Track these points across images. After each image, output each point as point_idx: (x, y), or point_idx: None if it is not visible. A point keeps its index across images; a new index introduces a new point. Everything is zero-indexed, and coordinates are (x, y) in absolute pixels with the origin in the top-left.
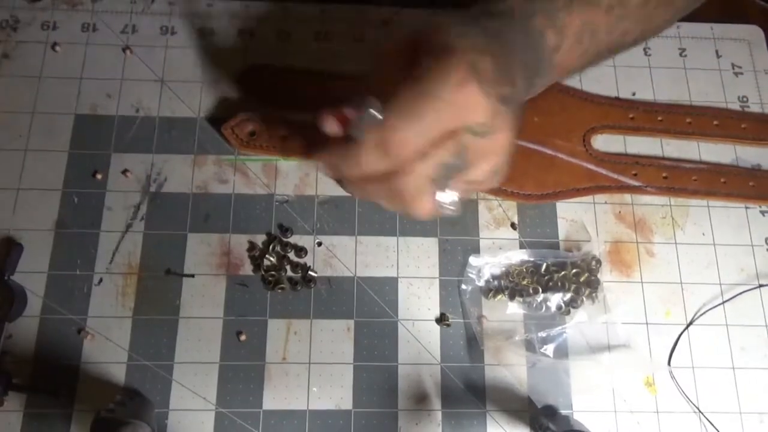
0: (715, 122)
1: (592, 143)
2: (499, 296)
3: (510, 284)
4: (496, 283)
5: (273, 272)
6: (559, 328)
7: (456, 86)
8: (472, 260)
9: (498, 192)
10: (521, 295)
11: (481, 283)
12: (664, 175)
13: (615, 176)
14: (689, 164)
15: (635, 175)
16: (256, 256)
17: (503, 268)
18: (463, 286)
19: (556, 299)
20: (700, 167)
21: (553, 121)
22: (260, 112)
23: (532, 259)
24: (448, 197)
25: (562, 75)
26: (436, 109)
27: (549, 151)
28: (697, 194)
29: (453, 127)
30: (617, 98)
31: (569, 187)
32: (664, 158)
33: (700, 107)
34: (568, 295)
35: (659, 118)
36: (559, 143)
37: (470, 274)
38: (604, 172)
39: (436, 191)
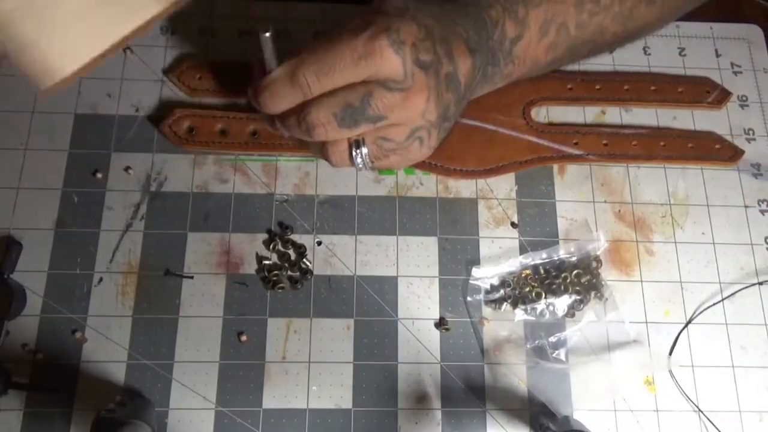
0: (653, 87)
1: (532, 116)
2: (504, 305)
3: (513, 292)
4: (500, 293)
5: (276, 272)
6: (569, 330)
7: (368, 38)
8: (475, 272)
9: (440, 170)
10: (524, 302)
11: (486, 295)
12: (604, 142)
13: (556, 146)
14: (629, 130)
15: (576, 144)
16: (260, 255)
17: (505, 277)
18: (468, 298)
19: (560, 302)
20: (640, 132)
21: (492, 95)
22: (196, 106)
23: (533, 263)
24: (360, 154)
25: (531, 67)
26: (345, 54)
27: (489, 127)
28: (638, 159)
29: (363, 76)
30: (554, 70)
31: (511, 160)
32: (603, 125)
33: (635, 73)
34: (573, 297)
35: (597, 87)
36: (499, 118)
37: (474, 286)
38: (545, 143)
39: (348, 138)
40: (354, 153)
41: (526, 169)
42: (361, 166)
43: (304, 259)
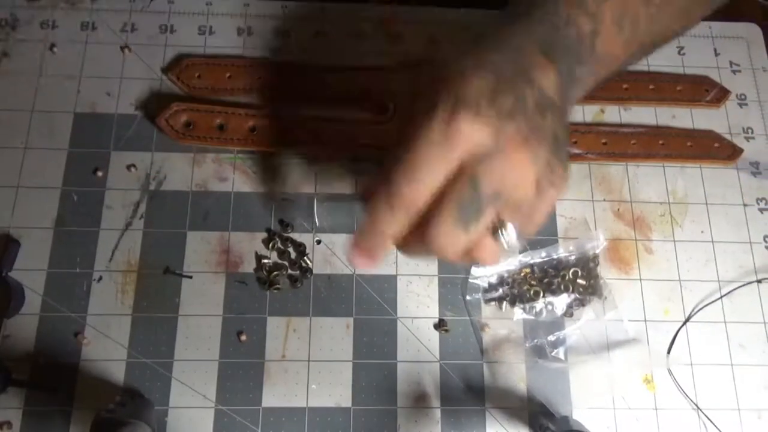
0: (652, 86)
1: None
2: (504, 304)
3: (512, 291)
4: (499, 291)
5: (276, 271)
6: (568, 329)
7: (442, 123)
8: (474, 270)
9: None
10: (523, 301)
11: (484, 293)
12: (603, 141)
13: None
14: (628, 129)
15: (575, 142)
16: (259, 254)
17: (505, 276)
18: (468, 297)
19: (559, 301)
20: (639, 131)
21: None
22: (195, 101)
23: (532, 262)
24: (507, 235)
25: (610, 66)
26: (430, 152)
27: None
28: (636, 157)
29: (455, 162)
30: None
31: None
32: (602, 124)
33: (634, 72)
34: (572, 296)
35: None
36: None
37: (473, 285)
38: None
39: (487, 231)
40: (502, 240)
41: None
42: (517, 246)
43: (305, 258)
